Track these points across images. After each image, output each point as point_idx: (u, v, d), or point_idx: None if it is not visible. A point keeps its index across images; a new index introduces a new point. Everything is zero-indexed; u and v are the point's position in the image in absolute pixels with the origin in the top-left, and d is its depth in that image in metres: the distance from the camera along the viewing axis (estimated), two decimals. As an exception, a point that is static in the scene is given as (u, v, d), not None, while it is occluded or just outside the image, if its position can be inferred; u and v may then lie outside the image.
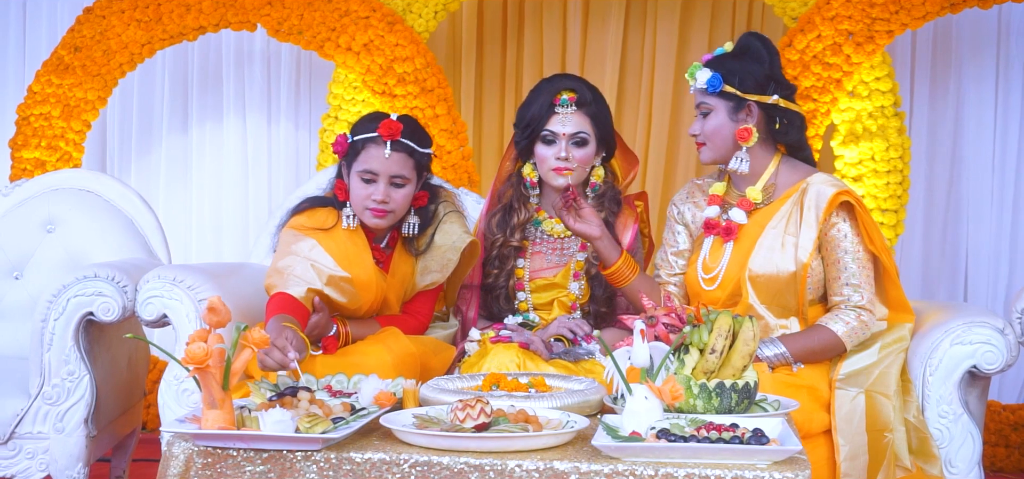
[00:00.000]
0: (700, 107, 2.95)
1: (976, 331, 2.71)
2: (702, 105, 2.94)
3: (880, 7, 4.08)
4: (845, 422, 2.68)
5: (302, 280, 2.92)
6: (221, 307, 2.14)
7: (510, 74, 4.93)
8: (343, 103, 4.51)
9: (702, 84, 2.92)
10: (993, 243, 4.56)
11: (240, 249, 5.02)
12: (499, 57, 4.95)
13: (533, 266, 3.25)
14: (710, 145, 2.94)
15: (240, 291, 3.22)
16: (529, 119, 3.20)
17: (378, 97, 4.40)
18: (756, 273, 2.84)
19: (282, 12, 4.45)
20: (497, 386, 2.56)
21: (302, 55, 5.01)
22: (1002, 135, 4.56)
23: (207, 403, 2.09)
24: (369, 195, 2.95)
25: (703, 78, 2.92)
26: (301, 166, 5.06)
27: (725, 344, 2.29)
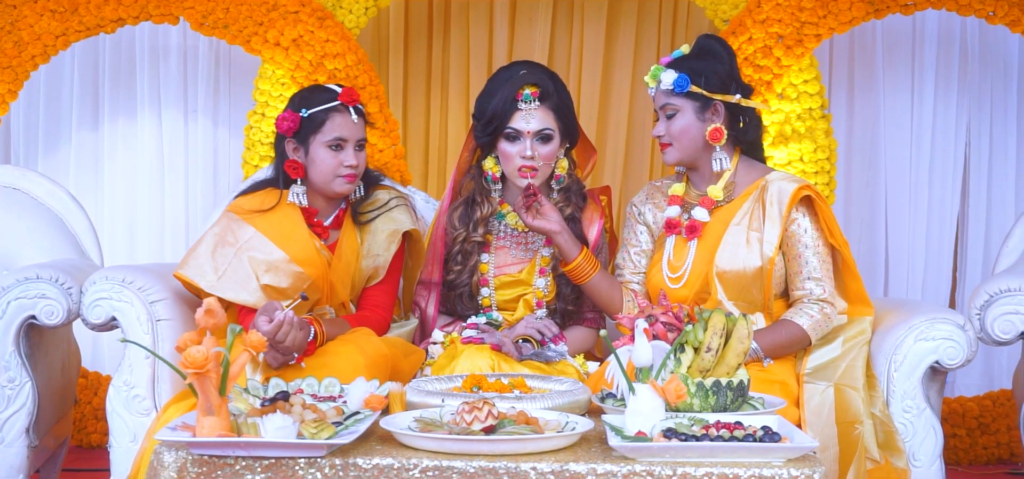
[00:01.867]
0: (665, 109, 2.97)
1: (938, 327, 2.80)
2: (667, 106, 2.97)
3: (809, 11, 4.17)
4: (814, 415, 2.73)
5: (245, 287, 2.92)
6: (218, 309, 2.05)
7: (436, 72, 4.88)
8: (270, 100, 4.38)
9: (668, 85, 2.95)
10: (909, 244, 4.71)
11: (155, 250, 4.85)
12: (425, 55, 4.89)
13: (497, 261, 3.21)
14: (677, 146, 2.97)
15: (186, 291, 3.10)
16: (491, 114, 3.14)
17: (307, 94, 4.30)
18: (723, 270, 2.88)
19: (207, 5, 4.31)
20: (479, 387, 2.53)
21: (221, 50, 4.86)
22: (916, 139, 4.70)
23: (203, 409, 2.01)
24: (341, 162, 3.02)
25: (669, 79, 2.95)
26: (220, 164, 4.91)
27: (720, 342, 2.30)
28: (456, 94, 4.86)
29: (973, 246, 4.71)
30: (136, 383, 2.90)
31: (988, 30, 4.60)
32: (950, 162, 4.69)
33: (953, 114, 4.68)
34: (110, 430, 2.92)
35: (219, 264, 2.93)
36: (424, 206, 3.62)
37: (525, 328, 3.04)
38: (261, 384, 2.57)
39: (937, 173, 4.70)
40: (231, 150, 4.88)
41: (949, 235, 4.71)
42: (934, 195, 4.70)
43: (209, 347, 1.98)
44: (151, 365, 2.92)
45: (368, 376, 2.72)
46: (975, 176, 4.71)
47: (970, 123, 4.70)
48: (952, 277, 4.72)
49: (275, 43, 4.29)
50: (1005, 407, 4.28)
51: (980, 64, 4.67)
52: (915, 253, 4.70)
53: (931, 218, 4.71)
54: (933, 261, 4.70)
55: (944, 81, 4.67)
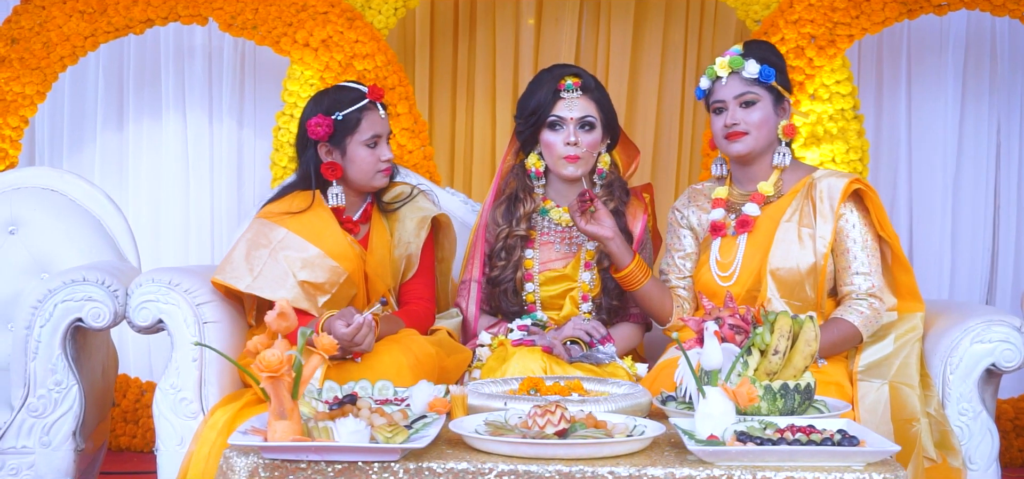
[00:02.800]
0: (742, 97, 2.98)
1: (995, 330, 2.79)
2: (747, 95, 2.99)
3: (842, 11, 4.16)
4: (869, 413, 2.73)
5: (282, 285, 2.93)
6: (291, 313, 2.04)
7: (462, 73, 4.86)
8: (299, 101, 4.36)
9: (753, 73, 2.97)
10: (938, 246, 4.70)
11: (180, 251, 4.83)
12: (450, 56, 4.88)
13: (542, 257, 3.21)
14: (754, 136, 2.99)
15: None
16: (533, 107, 3.18)
17: (337, 95, 4.28)
18: (777, 267, 2.89)
19: (236, 6, 4.29)
20: (536, 390, 2.52)
21: (247, 50, 4.85)
22: (945, 140, 4.70)
23: (276, 414, 1.99)
24: (379, 157, 3.10)
25: (754, 67, 2.97)
26: (245, 165, 4.89)
27: (787, 345, 2.28)
28: (482, 94, 4.85)
29: (1004, 248, 4.70)
30: (183, 386, 2.88)
31: (1018, 31, 4.59)
32: (982, 162, 4.68)
33: (984, 114, 4.67)
34: (157, 434, 2.89)
35: (254, 266, 2.95)
36: (463, 207, 3.60)
37: (573, 330, 3.02)
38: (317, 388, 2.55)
39: (967, 174, 4.70)
40: (256, 151, 4.87)
41: (983, 237, 4.69)
42: (964, 197, 4.69)
43: (283, 350, 1.96)
44: (198, 368, 2.90)
45: (412, 377, 2.74)
46: (1005, 178, 4.70)
47: (1000, 123, 4.68)
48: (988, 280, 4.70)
49: (304, 44, 4.27)
50: (1034, 410, 4.27)
51: (1010, 66, 4.66)
52: (943, 255, 4.68)
53: (959, 220, 4.70)
54: (964, 263, 4.69)
55: (973, 82, 4.66)
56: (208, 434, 2.82)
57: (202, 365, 2.89)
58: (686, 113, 4.81)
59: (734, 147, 3.00)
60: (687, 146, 4.82)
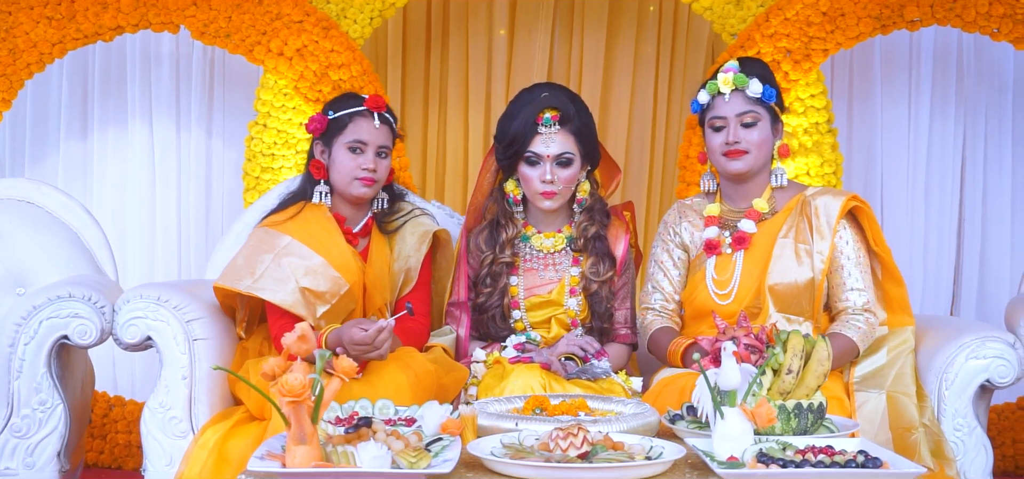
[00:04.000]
0: (744, 116, 2.98)
1: (989, 346, 2.82)
2: (749, 114, 2.98)
3: (817, 26, 4.19)
4: (867, 422, 2.76)
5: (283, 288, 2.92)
6: (311, 335, 1.99)
7: (434, 82, 4.83)
8: (273, 110, 4.31)
9: (757, 92, 2.97)
10: (908, 256, 4.74)
11: (146, 264, 4.72)
12: (423, 65, 4.84)
13: (527, 283, 3.18)
14: (755, 155, 2.99)
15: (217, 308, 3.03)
16: (511, 138, 3.13)
17: (311, 105, 4.23)
18: (775, 284, 2.90)
19: (208, 14, 4.21)
20: (542, 409, 2.49)
21: (216, 57, 4.76)
22: (913, 152, 4.75)
23: (296, 438, 1.94)
24: (358, 165, 3.06)
25: (758, 86, 2.97)
26: (214, 176, 4.80)
27: (800, 364, 2.28)
28: (455, 104, 4.81)
29: (969, 259, 4.76)
30: (172, 405, 2.82)
31: (984, 46, 4.66)
32: (948, 176, 4.74)
33: (950, 128, 4.73)
34: (145, 454, 2.83)
35: (256, 268, 2.94)
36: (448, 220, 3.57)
37: (567, 346, 3.01)
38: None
39: (934, 186, 4.75)
40: (226, 161, 4.78)
41: (948, 248, 4.75)
42: (932, 208, 4.75)
43: (305, 374, 1.92)
44: (188, 386, 2.83)
45: (412, 395, 2.72)
46: (971, 190, 4.76)
47: (966, 137, 4.75)
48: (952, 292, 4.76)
49: (278, 53, 4.21)
50: (1010, 420, 4.33)
51: (976, 79, 4.73)
52: (913, 266, 4.73)
53: (929, 231, 4.76)
54: (932, 274, 4.75)
55: (941, 96, 4.72)
56: (199, 454, 2.77)
57: (192, 383, 2.83)
58: (659, 124, 4.82)
59: (733, 165, 2.99)
60: (660, 157, 4.83)
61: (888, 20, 4.20)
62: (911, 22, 4.23)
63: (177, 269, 4.70)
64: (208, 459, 2.76)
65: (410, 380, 2.81)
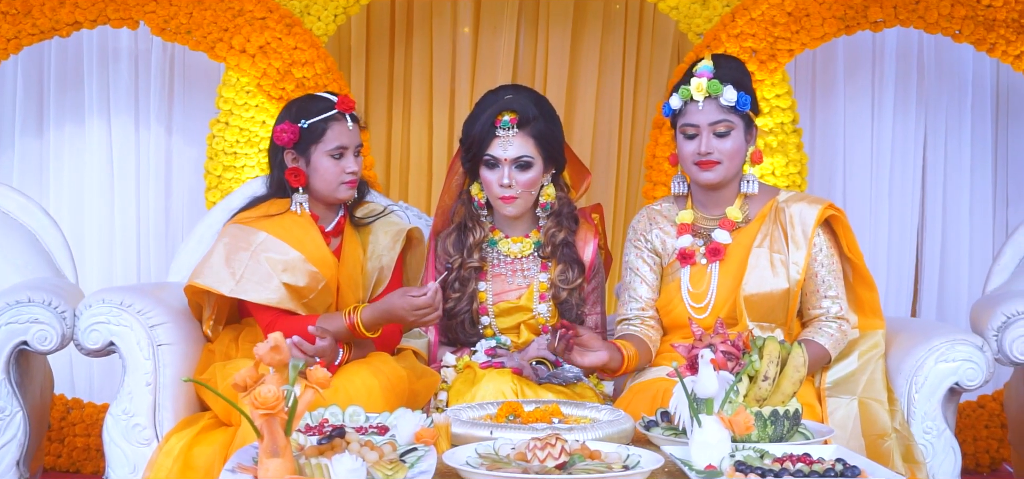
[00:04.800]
0: (717, 125, 2.90)
1: (958, 349, 2.83)
2: (723, 123, 2.91)
3: (782, 26, 4.20)
4: (839, 428, 2.75)
5: (266, 286, 2.90)
6: (284, 344, 1.94)
7: (398, 80, 4.79)
8: (235, 108, 4.25)
9: (731, 100, 2.89)
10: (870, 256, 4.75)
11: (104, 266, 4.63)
12: (387, 63, 4.79)
13: (495, 289, 3.14)
14: (727, 165, 2.92)
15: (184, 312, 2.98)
16: (471, 141, 3.10)
17: (274, 102, 4.17)
18: (751, 294, 2.87)
19: (169, 9, 4.14)
20: (516, 415, 2.47)
21: (176, 54, 4.68)
22: (877, 151, 4.78)
23: (269, 451, 1.90)
24: (343, 169, 3.04)
25: (732, 95, 2.89)
26: (174, 175, 4.72)
27: (776, 370, 2.27)
28: (419, 103, 4.77)
29: (929, 259, 4.79)
30: (136, 412, 2.77)
31: (944, 47, 4.69)
32: (909, 175, 4.77)
33: (911, 128, 4.76)
34: (107, 462, 2.77)
35: (236, 269, 2.89)
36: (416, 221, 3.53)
37: (537, 350, 2.99)
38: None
39: (896, 186, 4.78)
40: (186, 159, 4.71)
41: (909, 247, 4.78)
42: (894, 207, 4.78)
43: (279, 385, 1.87)
44: (152, 392, 2.78)
45: (384, 402, 2.69)
46: (931, 189, 4.80)
47: (927, 136, 4.78)
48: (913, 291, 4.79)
49: (241, 50, 4.15)
50: (970, 419, 4.37)
51: (936, 79, 4.76)
52: (876, 265, 4.75)
53: (892, 230, 4.79)
54: (894, 274, 4.78)
55: (903, 96, 4.75)
56: (163, 461, 2.72)
57: (156, 389, 2.78)
58: (625, 123, 4.81)
59: (704, 175, 2.93)
60: (626, 157, 4.82)
61: (852, 21, 4.22)
62: (875, 23, 4.25)
63: (136, 271, 4.62)
64: (173, 466, 2.71)
65: (382, 385, 2.79)
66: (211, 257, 2.93)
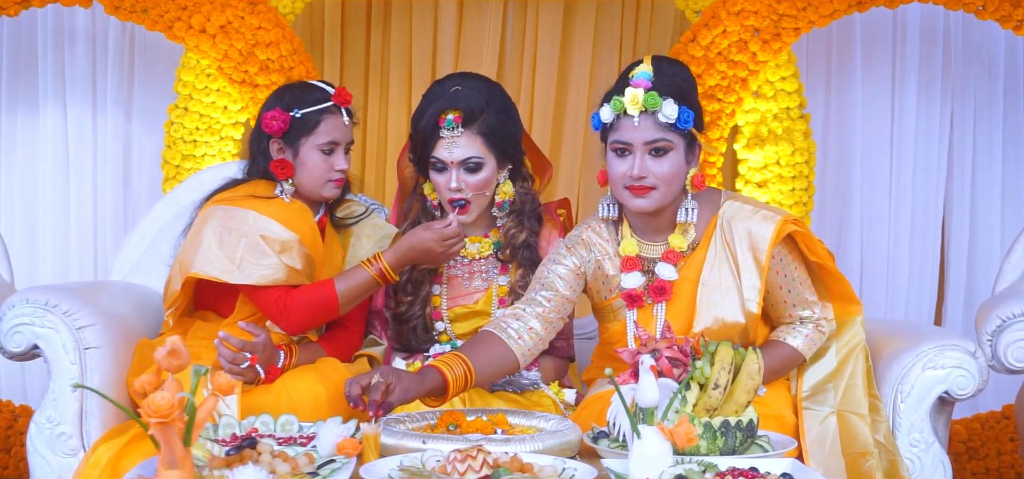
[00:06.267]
0: (653, 144, 2.75)
1: (948, 355, 2.84)
2: (660, 142, 2.75)
3: (787, 3, 4.20)
4: (816, 445, 2.73)
5: (267, 265, 2.94)
6: (183, 349, 1.99)
7: (375, 66, 4.82)
8: (194, 92, 4.32)
9: (671, 117, 2.73)
10: (889, 255, 4.76)
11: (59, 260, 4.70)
12: (363, 47, 4.83)
13: (451, 293, 3.17)
14: (664, 190, 2.76)
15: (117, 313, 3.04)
16: (417, 140, 3.12)
17: (236, 86, 4.23)
18: (704, 330, 2.77)
19: (123, -14, 4.21)
20: (456, 425, 2.51)
21: (135, 34, 4.75)
22: (898, 138, 4.76)
23: (166, 462, 1.94)
24: (332, 166, 3.08)
25: (672, 110, 2.73)
26: (132, 162, 4.78)
27: (728, 378, 2.30)
28: (397, 91, 4.80)
29: (956, 257, 4.77)
30: (61, 420, 2.83)
31: (973, 25, 4.67)
32: (933, 166, 4.74)
33: (936, 114, 4.73)
34: (31, 472, 2.83)
35: (232, 253, 2.94)
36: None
37: (493, 356, 3.00)
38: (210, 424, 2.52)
39: (919, 178, 4.75)
40: (146, 147, 4.77)
41: (933, 247, 4.76)
42: (917, 203, 4.75)
43: (174, 392, 1.92)
44: (79, 399, 2.83)
45: (329, 411, 2.73)
46: (958, 180, 4.77)
47: (953, 124, 4.76)
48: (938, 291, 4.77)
49: (200, 30, 4.20)
50: (995, 430, 4.36)
51: (964, 60, 4.74)
52: (898, 266, 4.74)
53: (914, 228, 4.75)
54: (916, 276, 4.75)
55: (927, 78, 4.73)
56: (89, 473, 2.77)
57: (83, 396, 2.83)
58: (620, 110, 4.81)
59: (637, 202, 2.77)
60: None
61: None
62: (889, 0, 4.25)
63: (93, 267, 4.69)
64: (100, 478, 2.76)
65: (329, 393, 2.82)
66: (202, 243, 2.96)
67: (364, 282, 3.00)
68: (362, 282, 2.99)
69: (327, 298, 2.94)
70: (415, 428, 2.54)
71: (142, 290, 3.34)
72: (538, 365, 3.06)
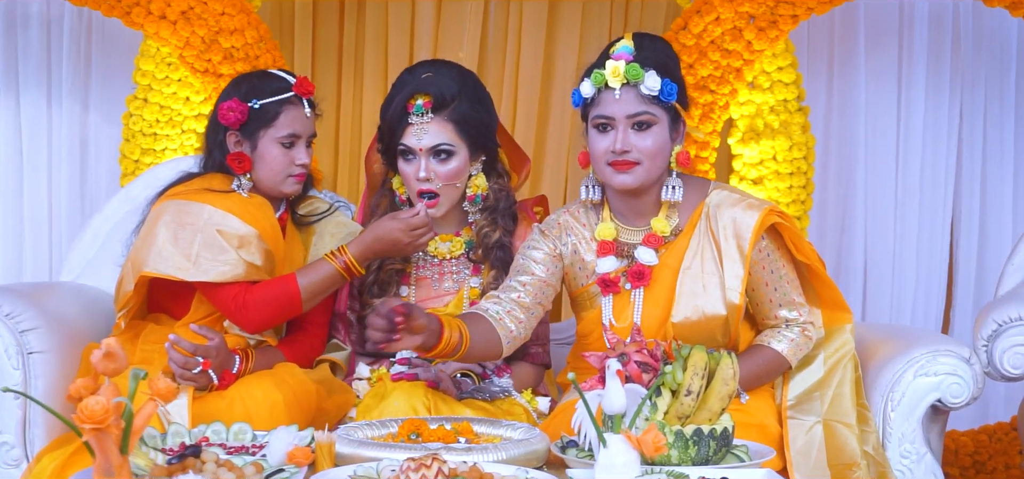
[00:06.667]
0: (636, 118, 2.82)
1: (941, 361, 2.86)
2: (643, 115, 2.82)
3: (785, -12, 4.22)
4: (801, 456, 2.76)
5: (224, 261, 2.96)
6: (119, 352, 2.02)
7: (348, 52, 4.84)
8: (154, 82, 4.34)
9: (654, 89, 2.81)
10: (896, 256, 4.77)
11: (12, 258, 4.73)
12: (336, 34, 4.85)
13: (419, 295, 3.19)
14: (648, 166, 2.83)
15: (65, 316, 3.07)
16: (386, 128, 3.15)
17: (199, 76, 4.26)
18: (681, 322, 2.83)
19: (77, -33, 4.23)
20: (418, 434, 2.54)
21: (93, 19, 4.77)
22: (905, 133, 4.77)
23: (103, 470, 1.97)
24: (293, 160, 3.10)
25: (655, 82, 2.80)
26: (90, 155, 4.80)
27: (701, 384, 2.33)
28: (372, 83, 4.81)
29: (964, 258, 4.79)
30: (3, 429, 2.86)
31: (983, 12, 4.69)
32: (942, 162, 4.76)
33: (945, 107, 4.75)
34: (-30, 486, 2.86)
35: (187, 249, 2.96)
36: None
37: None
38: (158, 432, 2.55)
39: (927, 174, 4.77)
40: (104, 139, 4.78)
41: (942, 247, 4.78)
42: (924, 200, 4.76)
43: (109, 398, 1.95)
44: (21, 407, 2.86)
45: (286, 418, 2.75)
46: (968, 178, 4.79)
47: (963, 116, 4.77)
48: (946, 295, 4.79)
49: (160, 16, 4.22)
50: (1003, 442, 4.39)
51: (975, 50, 4.76)
52: (904, 267, 4.76)
53: (921, 227, 4.77)
54: (924, 277, 4.77)
55: (935, 69, 4.74)
56: (33, 485, 2.79)
57: (26, 404, 2.86)
58: (608, 102, 4.83)
59: (620, 179, 2.83)
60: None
61: (866, -18, 4.25)
62: (893, -16, 4.28)
63: (48, 266, 4.71)
64: (44, 489, 2.78)
65: (287, 399, 2.84)
66: (156, 240, 2.98)
67: (328, 276, 3.02)
68: (326, 276, 3.02)
69: (289, 293, 2.97)
70: (375, 437, 2.57)
71: (93, 291, 3.36)
72: (511, 372, 3.09)
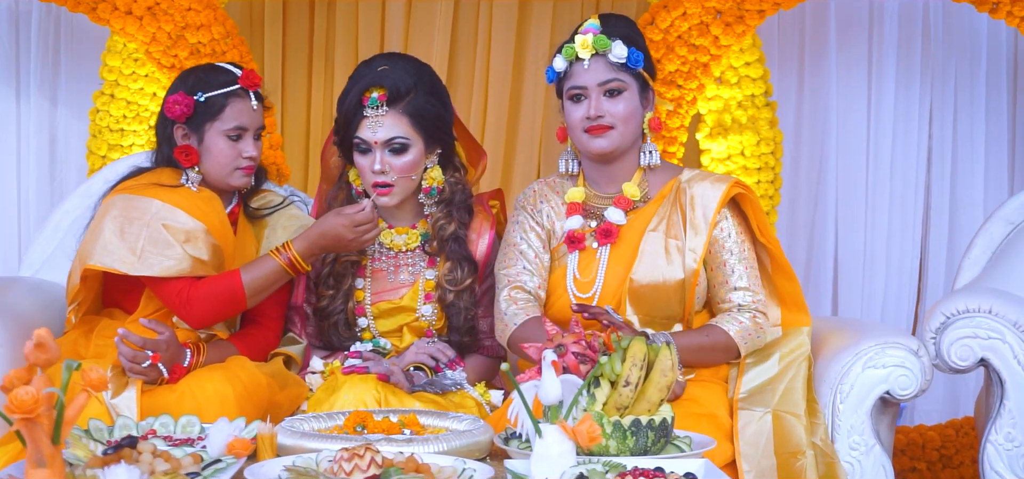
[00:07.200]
0: (607, 85, 3.01)
1: (889, 353, 2.89)
2: (613, 82, 3.01)
3: (751, -17, 4.24)
4: (750, 446, 2.80)
5: (170, 255, 2.98)
6: (51, 342, 2.04)
7: (319, 48, 4.85)
8: (121, 78, 4.35)
9: (621, 57, 3.00)
10: (866, 253, 4.80)
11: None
12: (306, 31, 4.86)
13: (375, 287, 3.21)
14: (620, 131, 3.02)
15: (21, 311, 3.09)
16: (342, 120, 3.18)
17: (165, 72, 4.27)
18: (640, 284, 2.96)
19: (43, -37, 4.25)
20: (364, 427, 2.56)
21: (61, 14, 4.79)
22: (875, 127, 4.80)
23: (34, 461, 1.99)
24: (240, 153, 3.14)
25: (622, 50, 2.99)
26: (58, 151, 4.82)
27: (640, 375, 2.35)
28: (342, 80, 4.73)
29: (934, 255, 4.81)
30: (-48, 422, 2.86)
31: (953, 7, 4.71)
32: (912, 157, 4.78)
33: (916, 103, 4.77)
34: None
35: (133, 243, 2.99)
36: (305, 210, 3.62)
37: (416, 354, 3.07)
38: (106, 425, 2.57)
39: (898, 169, 4.79)
40: (73, 134, 4.79)
41: (913, 243, 4.80)
42: (895, 195, 4.79)
43: (40, 387, 1.97)
44: (-29, 402, 2.87)
45: (237, 412, 2.76)
46: (938, 171, 4.82)
47: (933, 113, 4.80)
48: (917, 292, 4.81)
49: (126, 11, 4.24)
50: (970, 437, 4.42)
51: (945, 45, 4.78)
52: (874, 264, 4.78)
53: (892, 223, 4.79)
54: (895, 273, 4.79)
55: (905, 64, 4.77)
56: (-17, 480, 2.81)
57: (-24, 400, 2.87)
58: (579, 98, 4.85)
59: (596, 143, 3.03)
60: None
61: (835, -24, 4.26)
62: (862, -20, 4.30)
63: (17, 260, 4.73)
64: (-9, 485, 2.80)
65: (238, 393, 2.86)
66: (102, 234, 3.01)
67: (272, 272, 3.05)
68: (270, 272, 3.04)
69: (232, 289, 3.00)
70: (320, 429, 2.59)
71: (51, 287, 3.39)
72: (464, 365, 3.12)
